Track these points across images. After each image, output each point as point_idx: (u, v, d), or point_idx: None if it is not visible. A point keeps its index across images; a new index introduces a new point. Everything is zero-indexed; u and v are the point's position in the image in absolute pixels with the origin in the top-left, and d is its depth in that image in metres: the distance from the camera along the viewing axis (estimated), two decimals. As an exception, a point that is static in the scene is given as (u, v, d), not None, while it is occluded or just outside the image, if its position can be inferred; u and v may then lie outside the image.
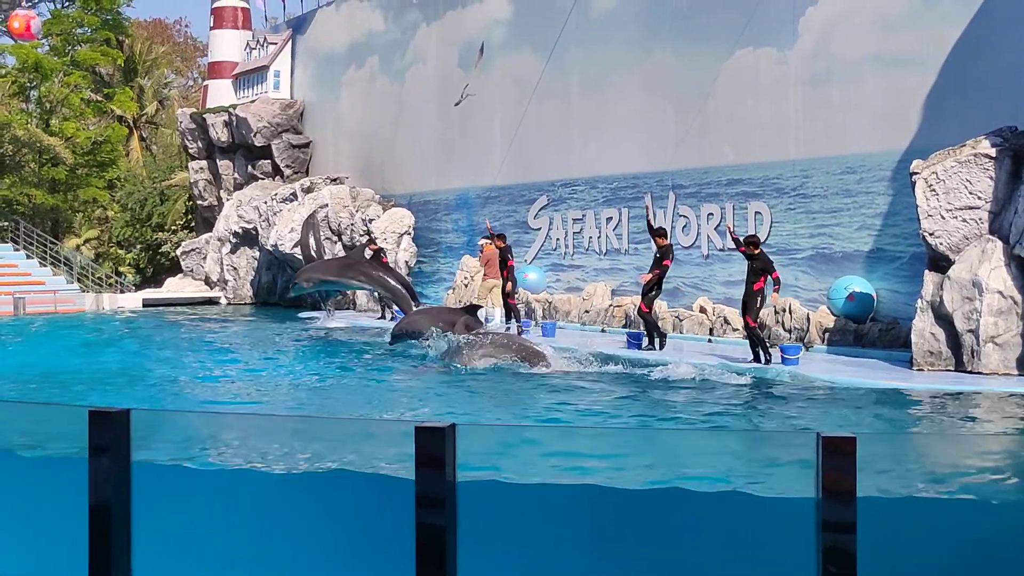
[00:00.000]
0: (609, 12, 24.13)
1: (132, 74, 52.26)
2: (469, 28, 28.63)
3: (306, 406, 13.04)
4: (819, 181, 19.54)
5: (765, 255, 16.56)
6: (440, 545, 4.84)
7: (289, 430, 6.51)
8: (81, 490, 5.29)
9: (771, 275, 16.25)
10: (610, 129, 24.08)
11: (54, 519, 5.77)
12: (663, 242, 18.57)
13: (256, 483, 5.89)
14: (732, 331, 20.02)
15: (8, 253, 38.50)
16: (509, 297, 21.60)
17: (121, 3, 49.60)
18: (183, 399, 13.40)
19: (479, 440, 5.56)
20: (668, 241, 18.79)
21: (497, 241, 21.82)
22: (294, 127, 36.13)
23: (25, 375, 15.81)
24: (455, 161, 29.30)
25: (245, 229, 34.26)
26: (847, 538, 4.52)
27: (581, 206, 24.95)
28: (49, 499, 5.88)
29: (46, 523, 5.84)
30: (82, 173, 47.29)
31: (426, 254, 30.02)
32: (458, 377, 15.44)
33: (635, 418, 12.14)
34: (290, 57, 36.97)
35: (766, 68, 20.43)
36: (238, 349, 20.04)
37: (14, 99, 50.15)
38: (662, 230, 19.06)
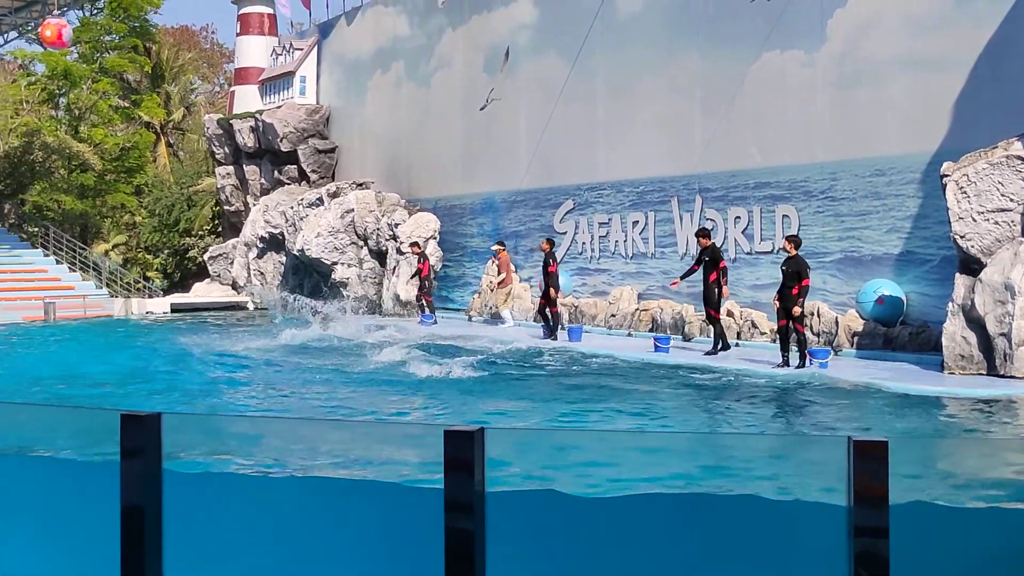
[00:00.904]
0: (635, 15, 24.08)
1: (159, 80, 52.54)
2: (495, 32, 28.63)
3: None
4: (848, 184, 19.42)
5: (802, 259, 16.46)
6: (469, 551, 4.82)
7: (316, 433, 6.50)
8: (113, 494, 5.29)
9: (803, 283, 16.15)
10: (636, 132, 24.02)
11: (86, 523, 5.78)
12: (707, 242, 18.56)
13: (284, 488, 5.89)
14: (760, 335, 19.93)
15: (38, 258, 38.75)
16: (552, 304, 21.65)
17: (149, 10, 49.87)
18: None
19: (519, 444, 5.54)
20: (711, 241, 18.82)
21: (544, 244, 21.94)
22: (320, 132, 36.22)
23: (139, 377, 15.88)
24: (480, 165, 29.30)
25: (271, 234, 34.36)
26: (879, 543, 4.47)
27: (607, 210, 24.89)
28: (81, 503, 5.89)
29: (78, 527, 5.85)
30: (110, 179, 47.56)
31: (452, 258, 30.02)
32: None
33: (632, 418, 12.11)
34: (316, 63, 37.07)
35: (793, 70, 20.33)
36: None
37: (44, 106, 50.55)
38: (704, 230, 19.08)
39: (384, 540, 5.44)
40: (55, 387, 15.64)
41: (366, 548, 5.45)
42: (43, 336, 25.18)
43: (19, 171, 47.05)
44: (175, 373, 17.33)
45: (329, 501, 5.68)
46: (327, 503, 5.67)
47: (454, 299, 29.80)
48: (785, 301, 16.37)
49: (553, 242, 22.78)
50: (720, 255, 18.53)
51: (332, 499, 5.69)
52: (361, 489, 5.74)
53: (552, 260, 21.85)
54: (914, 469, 5.13)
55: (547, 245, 22.07)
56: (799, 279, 16.17)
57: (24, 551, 6.00)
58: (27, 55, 48.99)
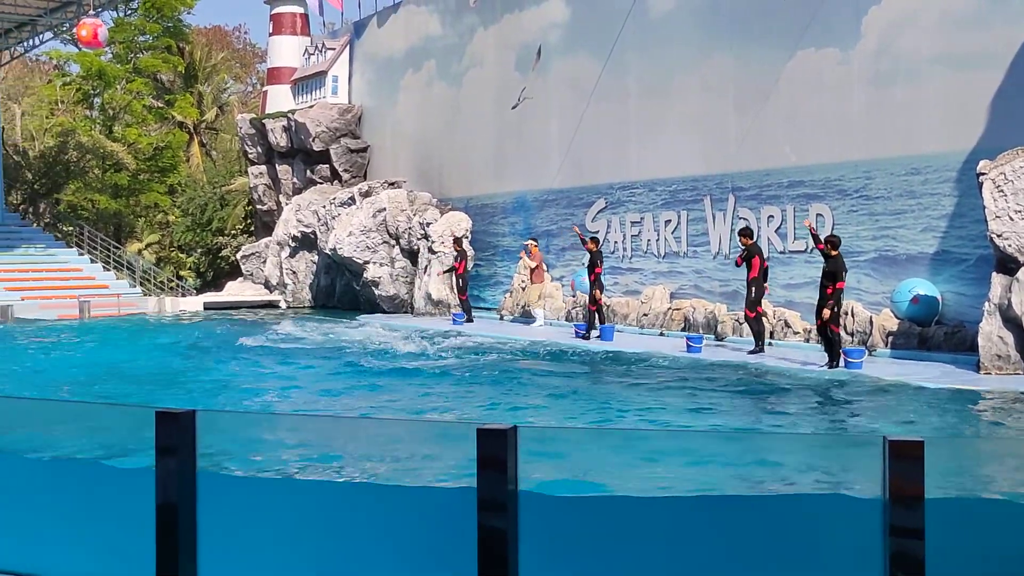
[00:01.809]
0: (667, 13, 23.99)
1: (193, 80, 52.84)
2: (526, 31, 28.61)
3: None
4: (883, 182, 19.27)
5: (841, 260, 16.35)
6: (503, 550, 4.80)
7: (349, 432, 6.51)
8: (149, 491, 5.31)
9: (836, 285, 16.04)
10: (669, 131, 23.93)
11: (122, 520, 5.80)
12: (748, 242, 18.47)
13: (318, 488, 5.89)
14: (793, 334, 19.81)
15: (73, 257, 39.05)
16: (592, 303, 21.62)
17: (182, 10, 50.17)
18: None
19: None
20: (754, 240, 18.70)
21: (589, 244, 21.89)
22: (352, 132, 36.30)
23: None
24: (512, 164, 29.28)
25: (304, 233, 34.48)
26: (915, 543, 4.43)
27: (639, 209, 24.82)
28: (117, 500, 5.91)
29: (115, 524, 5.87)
30: (144, 178, 47.89)
31: (483, 257, 30.02)
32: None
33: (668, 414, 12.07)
34: (348, 62, 37.16)
35: (828, 68, 20.19)
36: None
37: (78, 106, 50.97)
38: (747, 229, 18.99)
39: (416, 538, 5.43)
40: (121, 384, 15.72)
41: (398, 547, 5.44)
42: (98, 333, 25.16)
43: (54, 171, 47.47)
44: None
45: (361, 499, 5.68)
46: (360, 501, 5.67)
47: (485, 298, 29.79)
48: (821, 300, 16.29)
49: (599, 241, 22.69)
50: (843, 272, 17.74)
51: (364, 497, 5.69)
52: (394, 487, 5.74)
53: (600, 261, 21.77)
54: (951, 468, 5.09)
55: (594, 245, 21.97)
56: (834, 280, 16.07)
57: (60, 549, 6.02)
58: (62, 56, 49.41)
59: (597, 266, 21.56)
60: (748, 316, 18.39)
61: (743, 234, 18.80)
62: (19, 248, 37.89)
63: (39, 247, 38.85)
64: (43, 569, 5.89)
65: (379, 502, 5.56)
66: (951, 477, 5.02)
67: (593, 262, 21.61)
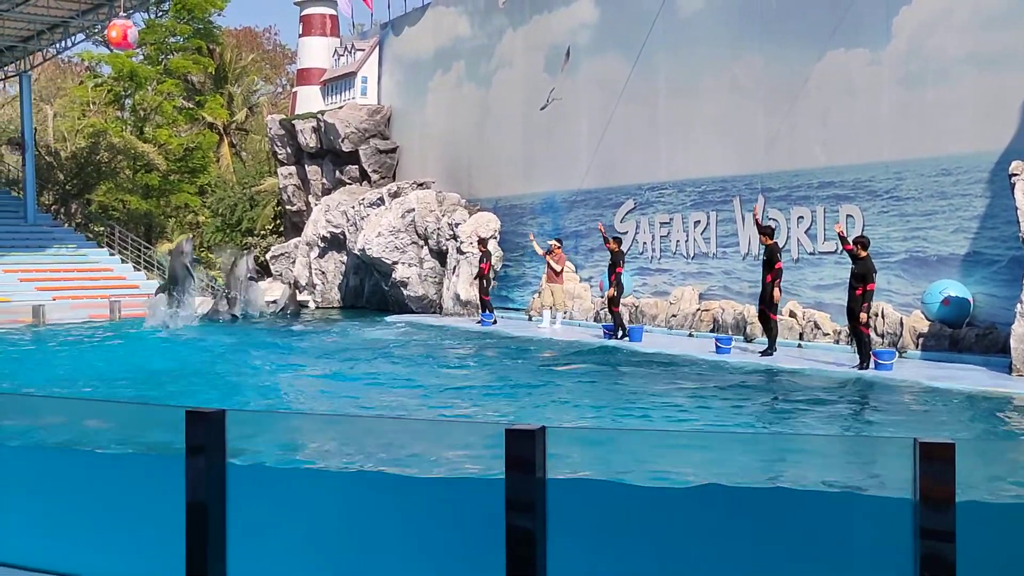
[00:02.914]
0: (696, 14, 23.93)
1: (223, 81, 53.12)
2: (555, 32, 28.60)
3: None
4: (913, 183, 19.16)
5: (870, 262, 16.27)
6: (530, 548, 4.81)
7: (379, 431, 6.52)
8: (178, 489, 5.34)
9: (867, 287, 15.98)
10: (698, 132, 23.88)
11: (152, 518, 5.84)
12: (768, 241, 18.39)
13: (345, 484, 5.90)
14: (823, 336, 19.72)
15: (104, 257, 39.32)
16: (614, 304, 21.54)
17: (212, 12, 50.46)
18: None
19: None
20: (774, 240, 18.62)
21: (611, 244, 21.81)
22: (381, 132, 36.39)
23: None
24: (541, 165, 29.28)
25: (333, 234, 34.59)
26: (946, 546, 4.41)
27: (668, 209, 24.77)
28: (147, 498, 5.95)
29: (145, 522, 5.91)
30: (174, 179, 48.21)
31: (512, 258, 30.03)
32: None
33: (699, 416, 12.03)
34: (377, 63, 37.25)
35: (858, 69, 20.09)
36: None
37: (110, 107, 51.33)
38: (768, 228, 18.90)
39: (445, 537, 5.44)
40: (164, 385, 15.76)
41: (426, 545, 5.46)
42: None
43: (86, 171, 47.83)
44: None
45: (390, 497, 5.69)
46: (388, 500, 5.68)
47: (514, 299, 29.80)
48: (849, 302, 16.24)
49: (621, 241, 22.62)
50: (777, 256, 18.29)
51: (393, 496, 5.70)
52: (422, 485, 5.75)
53: (621, 261, 21.73)
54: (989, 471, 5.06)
55: (616, 245, 21.89)
56: (864, 281, 16.01)
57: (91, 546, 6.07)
58: (94, 57, 49.81)
59: (618, 266, 21.51)
60: (771, 318, 18.27)
61: (765, 233, 18.68)
62: (51, 248, 38.18)
63: (70, 247, 39.13)
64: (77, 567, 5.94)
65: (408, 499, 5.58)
66: (982, 480, 4.99)
67: (615, 262, 21.56)
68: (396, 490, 5.68)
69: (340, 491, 5.84)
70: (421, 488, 5.66)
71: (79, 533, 6.15)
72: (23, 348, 22.53)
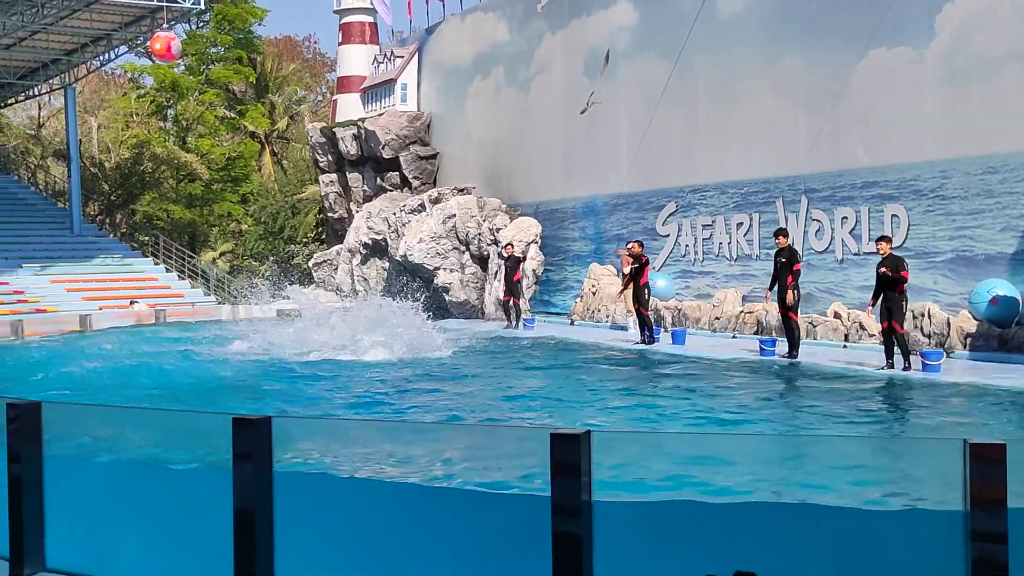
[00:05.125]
0: (735, 15, 23.82)
1: (264, 91, 53.48)
2: (594, 36, 28.56)
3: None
4: (959, 182, 18.95)
5: (900, 257, 16.14)
6: (576, 555, 4.78)
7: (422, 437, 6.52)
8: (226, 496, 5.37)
9: (902, 286, 15.87)
10: (739, 133, 23.75)
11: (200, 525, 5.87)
12: (784, 242, 18.31)
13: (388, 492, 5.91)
14: (868, 336, 19.55)
15: (148, 267, 39.65)
16: (644, 307, 21.43)
17: (253, 22, 50.83)
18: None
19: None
20: (789, 241, 18.54)
21: (634, 246, 21.69)
22: (421, 139, 36.49)
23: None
24: (581, 169, 29.24)
25: (375, 240, 34.71)
26: (998, 548, 4.34)
27: (710, 212, 24.66)
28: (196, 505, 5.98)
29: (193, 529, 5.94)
30: (217, 188, 48.58)
31: (553, 262, 30.01)
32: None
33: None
34: (417, 70, 37.35)
35: (901, 67, 19.91)
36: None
37: (152, 118, 51.81)
38: (783, 230, 18.85)
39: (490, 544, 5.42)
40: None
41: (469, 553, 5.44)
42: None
43: (130, 182, 48.30)
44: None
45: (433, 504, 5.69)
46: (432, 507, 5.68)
47: (556, 303, 29.77)
48: (887, 301, 16.08)
49: (642, 244, 22.41)
50: (797, 257, 18.23)
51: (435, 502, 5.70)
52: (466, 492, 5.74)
53: (645, 270, 21.56)
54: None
55: (638, 247, 21.73)
56: (900, 281, 15.91)
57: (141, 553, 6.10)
58: (137, 68, 50.29)
59: (645, 269, 21.38)
60: (792, 319, 18.13)
61: (781, 234, 18.55)
62: (97, 258, 38.55)
63: (116, 257, 39.49)
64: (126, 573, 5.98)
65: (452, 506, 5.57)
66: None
67: (642, 266, 21.38)
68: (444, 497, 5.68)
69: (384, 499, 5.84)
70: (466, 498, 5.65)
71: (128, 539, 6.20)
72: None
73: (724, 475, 5.35)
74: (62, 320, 30.27)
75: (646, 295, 21.45)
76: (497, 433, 7.22)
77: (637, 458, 5.46)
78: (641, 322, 21.61)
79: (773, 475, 5.48)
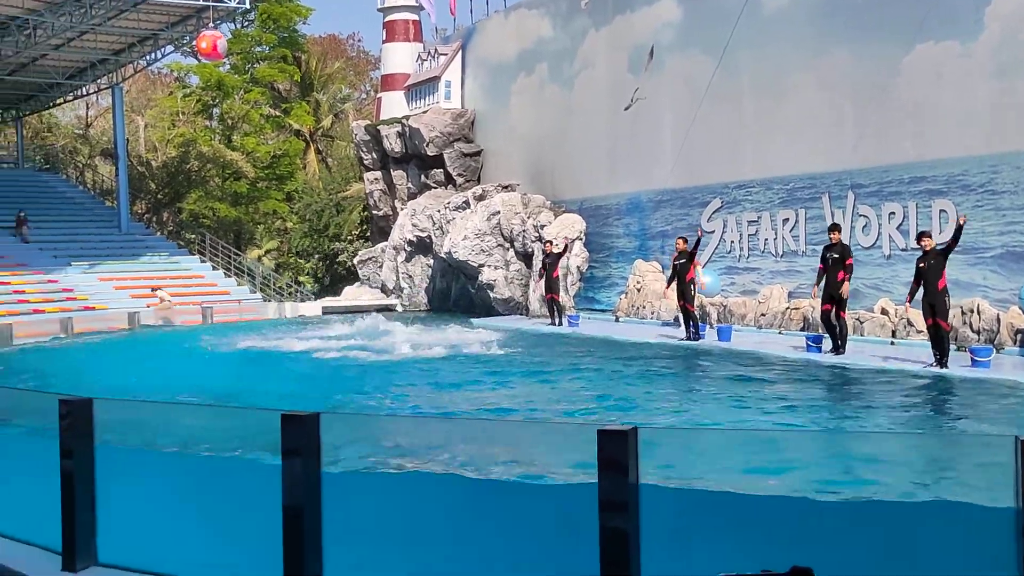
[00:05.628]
0: (781, 10, 23.67)
1: (308, 89, 53.76)
2: (638, 32, 28.47)
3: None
4: (1009, 176, 18.72)
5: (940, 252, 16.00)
6: (624, 551, 4.78)
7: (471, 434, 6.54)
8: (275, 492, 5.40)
9: (939, 283, 15.71)
10: (784, 129, 23.60)
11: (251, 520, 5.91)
12: (837, 238, 18.14)
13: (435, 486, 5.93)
14: (916, 333, 19.36)
15: (195, 265, 39.97)
16: (690, 303, 21.30)
17: (297, 21, 51.11)
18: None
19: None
20: (841, 237, 18.39)
21: (679, 242, 21.57)
22: (465, 136, 36.55)
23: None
24: (625, 165, 29.17)
25: (419, 237, 34.81)
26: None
27: (756, 208, 24.53)
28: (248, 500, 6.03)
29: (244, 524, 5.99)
30: (262, 186, 48.90)
31: (598, 259, 29.96)
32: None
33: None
34: (460, 67, 37.42)
35: (949, 61, 19.71)
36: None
37: (198, 117, 52.23)
38: (836, 225, 18.67)
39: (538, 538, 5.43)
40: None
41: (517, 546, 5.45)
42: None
43: (176, 180, 48.73)
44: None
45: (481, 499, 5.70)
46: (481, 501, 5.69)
47: (600, 300, 29.72)
48: (931, 297, 15.87)
49: (687, 239, 22.32)
50: (849, 252, 18.03)
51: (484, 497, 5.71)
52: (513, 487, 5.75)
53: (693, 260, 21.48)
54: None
55: (684, 244, 21.64)
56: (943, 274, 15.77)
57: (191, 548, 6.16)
58: (182, 68, 50.71)
59: (689, 271, 21.25)
60: (840, 316, 17.96)
61: (835, 229, 18.35)
62: (144, 256, 38.91)
63: (163, 255, 39.85)
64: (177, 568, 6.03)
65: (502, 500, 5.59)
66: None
67: (689, 259, 21.29)
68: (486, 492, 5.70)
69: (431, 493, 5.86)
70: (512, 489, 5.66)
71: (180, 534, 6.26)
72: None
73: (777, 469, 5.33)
74: (111, 318, 30.56)
75: (692, 291, 21.36)
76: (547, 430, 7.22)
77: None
78: (687, 318, 21.52)
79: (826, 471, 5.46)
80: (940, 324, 15.82)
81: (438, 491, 5.80)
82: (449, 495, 5.73)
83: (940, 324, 15.82)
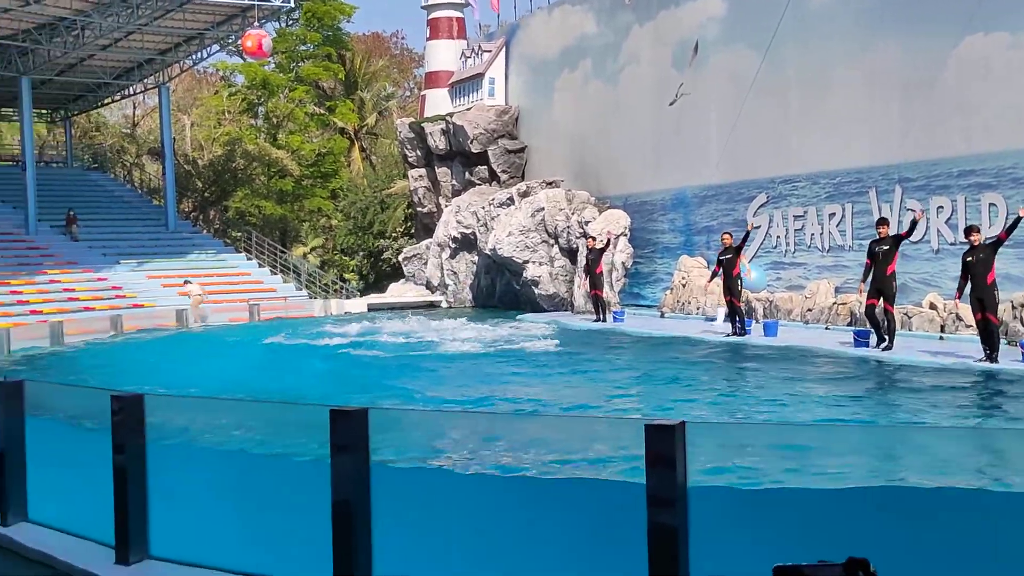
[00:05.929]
0: (826, 3, 23.49)
1: (352, 87, 53.95)
2: (683, 27, 28.37)
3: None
4: (1059, 169, 18.49)
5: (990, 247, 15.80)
6: (672, 545, 4.77)
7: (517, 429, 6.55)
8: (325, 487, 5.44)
9: (987, 278, 15.52)
10: (831, 123, 23.42)
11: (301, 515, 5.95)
12: (886, 231, 17.91)
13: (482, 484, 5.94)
14: (965, 327, 19.15)
15: (241, 262, 40.24)
16: (736, 298, 21.05)
17: (341, 19, 51.31)
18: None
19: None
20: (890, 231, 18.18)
21: (725, 238, 21.35)
22: (509, 133, 36.56)
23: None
24: (670, 161, 29.07)
25: (464, 234, 34.86)
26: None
27: (802, 202, 24.37)
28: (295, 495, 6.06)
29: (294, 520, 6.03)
30: (307, 184, 49.14)
31: (643, 255, 29.88)
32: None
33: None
34: (504, 64, 37.43)
35: (998, 53, 19.48)
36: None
37: (244, 115, 52.58)
38: (884, 219, 18.45)
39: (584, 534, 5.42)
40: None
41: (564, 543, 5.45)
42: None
43: (223, 178, 49.08)
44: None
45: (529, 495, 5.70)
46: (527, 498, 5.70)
47: (645, 295, 29.65)
48: (979, 291, 15.63)
49: (733, 235, 22.11)
50: (901, 241, 17.78)
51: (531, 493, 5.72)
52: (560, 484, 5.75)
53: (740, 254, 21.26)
54: None
55: (730, 239, 21.38)
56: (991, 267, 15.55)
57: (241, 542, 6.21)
58: (228, 67, 51.05)
59: (735, 266, 20.99)
60: (888, 310, 17.74)
61: (883, 223, 18.06)
62: (191, 254, 39.24)
63: (210, 253, 40.14)
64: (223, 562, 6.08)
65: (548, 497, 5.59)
66: None
67: (736, 254, 21.04)
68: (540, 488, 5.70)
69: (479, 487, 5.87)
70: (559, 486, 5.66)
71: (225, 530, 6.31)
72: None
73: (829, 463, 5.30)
74: (158, 315, 30.83)
75: (739, 286, 21.20)
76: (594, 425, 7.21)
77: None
78: (732, 313, 21.34)
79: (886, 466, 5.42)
80: (989, 319, 15.61)
81: (494, 488, 5.81)
82: (511, 492, 5.74)
83: (989, 319, 15.61)
